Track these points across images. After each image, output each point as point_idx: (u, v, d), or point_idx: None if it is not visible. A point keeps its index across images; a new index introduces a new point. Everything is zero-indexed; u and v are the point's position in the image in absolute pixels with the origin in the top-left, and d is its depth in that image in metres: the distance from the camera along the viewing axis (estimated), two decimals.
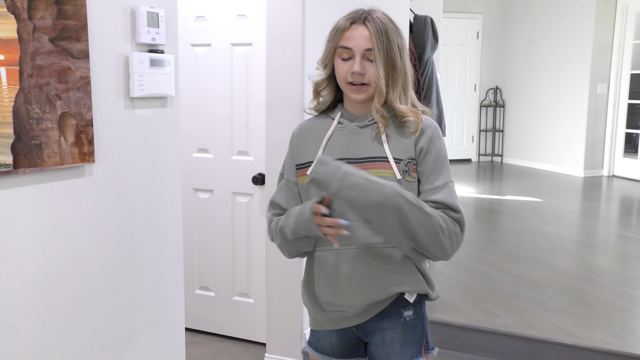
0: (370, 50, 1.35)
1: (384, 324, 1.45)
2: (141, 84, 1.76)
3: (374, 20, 1.35)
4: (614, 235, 4.82)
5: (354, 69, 1.35)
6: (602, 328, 2.82)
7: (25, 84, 1.45)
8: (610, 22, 7.36)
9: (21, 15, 1.43)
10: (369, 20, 1.36)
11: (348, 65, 1.37)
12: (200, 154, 3.02)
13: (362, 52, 1.35)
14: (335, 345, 1.51)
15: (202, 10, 2.91)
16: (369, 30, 1.35)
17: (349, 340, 1.50)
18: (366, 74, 1.36)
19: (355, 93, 1.38)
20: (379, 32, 1.35)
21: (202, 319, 3.13)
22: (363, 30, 1.36)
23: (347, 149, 1.41)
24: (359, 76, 1.36)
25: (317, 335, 1.54)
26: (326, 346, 1.52)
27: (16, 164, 1.44)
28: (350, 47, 1.36)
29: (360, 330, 1.48)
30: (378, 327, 1.45)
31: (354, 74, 1.36)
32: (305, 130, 1.50)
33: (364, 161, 1.39)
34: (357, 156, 1.40)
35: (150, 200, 1.88)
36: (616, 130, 7.46)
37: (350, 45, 1.36)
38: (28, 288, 1.53)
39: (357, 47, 1.36)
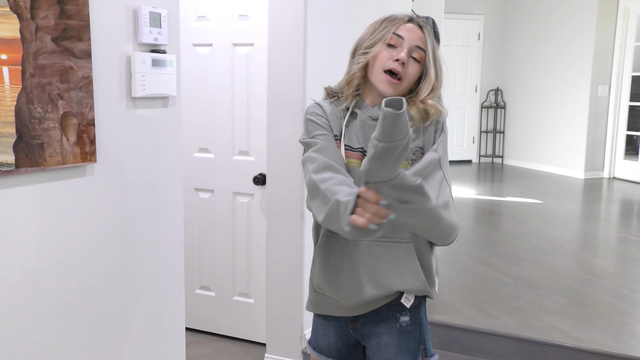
0: (419, 48, 1.36)
1: (380, 328, 1.45)
2: (143, 83, 1.77)
3: (429, 27, 1.40)
4: (614, 238, 4.82)
5: (400, 56, 1.34)
6: (602, 330, 2.82)
7: (27, 83, 1.45)
8: (612, 24, 7.36)
9: (24, 15, 1.43)
10: (425, 26, 1.39)
11: (393, 52, 1.36)
12: (201, 153, 3.03)
13: (411, 46, 1.36)
14: (333, 346, 1.51)
15: (204, 10, 2.91)
16: (423, 33, 1.38)
17: (346, 341, 1.51)
18: (407, 68, 1.36)
19: (386, 84, 1.36)
20: (432, 40, 1.39)
21: (202, 319, 3.13)
22: (417, 30, 1.38)
23: (355, 139, 1.40)
24: (400, 65, 1.35)
25: (316, 334, 1.55)
26: (324, 346, 1.53)
27: (18, 164, 1.45)
28: (403, 37, 1.36)
29: (357, 333, 1.49)
30: (374, 331, 1.46)
31: (397, 60, 1.34)
32: (331, 111, 1.45)
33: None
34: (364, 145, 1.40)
35: (151, 200, 1.88)
36: (617, 132, 7.46)
37: (404, 35, 1.37)
38: (29, 286, 1.53)
39: (409, 39, 1.36)
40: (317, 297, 1.51)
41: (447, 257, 4.03)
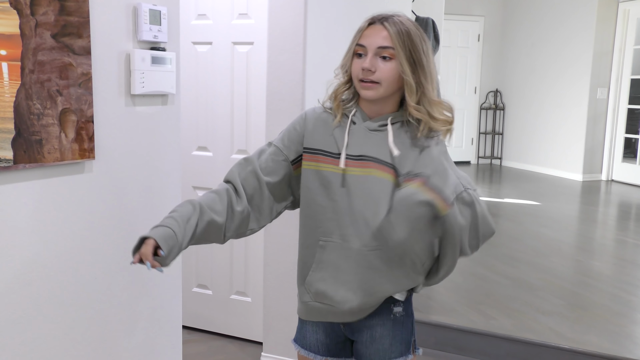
0: (384, 48, 1.35)
1: (374, 321, 1.45)
2: (142, 81, 1.76)
3: (394, 22, 1.36)
4: (611, 240, 4.82)
5: (364, 65, 1.35)
6: (598, 332, 2.83)
7: (26, 79, 1.45)
8: (611, 27, 7.37)
9: (24, 11, 1.43)
10: (388, 21, 1.36)
11: (361, 62, 1.37)
12: (200, 152, 3.02)
13: (374, 49, 1.35)
14: (322, 343, 1.51)
15: (204, 8, 2.91)
16: (386, 30, 1.35)
17: (335, 338, 1.51)
18: (377, 71, 1.35)
19: (364, 89, 1.37)
20: (400, 33, 1.34)
21: (199, 317, 3.13)
22: (380, 30, 1.36)
23: (356, 147, 1.40)
24: (368, 72, 1.35)
25: (304, 332, 1.54)
26: (312, 343, 1.52)
27: (16, 160, 1.44)
28: (364, 45, 1.37)
29: (347, 328, 1.48)
30: (367, 324, 1.45)
31: (363, 70, 1.35)
32: (318, 117, 1.47)
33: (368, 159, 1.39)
34: (364, 153, 1.39)
35: (149, 198, 1.88)
36: (615, 135, 7.47)
37: (364, 42, 1.37)
38: (26, 283, 1.53)
39: (370, 44, 1.36)
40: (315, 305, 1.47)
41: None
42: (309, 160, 1.45)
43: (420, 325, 2.85)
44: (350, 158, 1.40)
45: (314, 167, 1.44)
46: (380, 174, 1.37)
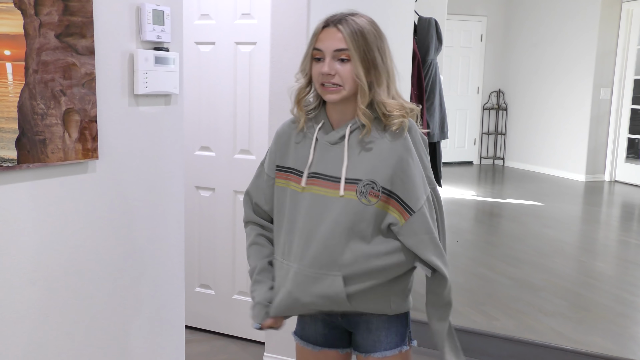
0: (341, 50, 1.34)
1: (369, 313, 1.47)
2: (145, 81, 1.77)
3: (347, 23, 1.35)
4: (614, 241, 4.81)
5: (323, 70, 1.35)
6: (601, 333, 2.82)
7: (30, 79, 1.45)
8: (615, 27, 7.35)
9: (28, 11, 1.43)
10: (342, 23, 1.36)
11: (320, 67, 1.37)
12: (202, 152, 3.03)
13: (331, 52, 1.35)
14: (320, 334, 1.53)
15: (207, 8, 2.91)
16: (341, 32, 1.35)
17: (334, 329, 1.53)
18: (337, 74, 1.35)
19: (327, 94, 1.37)
20: (354, 33, 1.34)
21: (201, 317, 3.14)
22: (335, 32, 1.36)
23: (318, 164, 1.42)
24: (328, 76, 1.35)
25: (303, 323, 1.56)
26: (311, 334, 1.54)
27: (20, 159, 1.45)
28: (321, 49, 1.37)
29: (345, 320, 1.51)
30: (364, 317, 1.48)
31: (323, 74, 1.36)
32: (288, 134, 1.50)
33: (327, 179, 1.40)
34: (325, 173, 1.41)
35: (152, 198, 1.88)
36: (619, 136, 7.45)
37: (321, 47, 1.37)
38: (30, 283, 1.53)
39: (327, 48, 1.36)
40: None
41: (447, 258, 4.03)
42: (280, 178, 1.48)
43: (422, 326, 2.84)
44: (313, 176, 1.42)
45: (284, 185, 1.47)
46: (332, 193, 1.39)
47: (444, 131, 4.22)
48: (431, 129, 3.96)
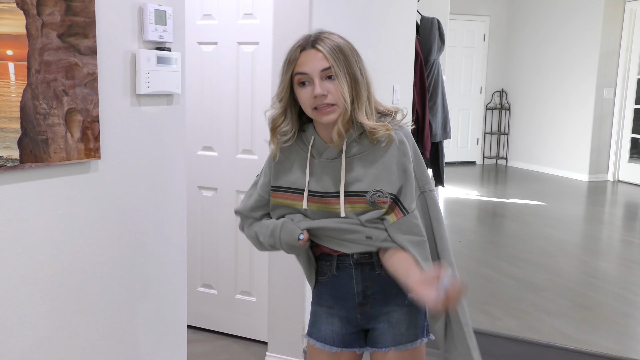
0: (327, 69, 1.33)
1: (390, 307, 1.49)
2: (148, 81, 1.77)
3: (323, 41, 1.35)
4: (617, 241, 4.80)
5: (316, 92, 1.33)
6: (604, 333, 2.82)
7: (32, 79, 1.45)
8: (618, 27, 7.33)
9: (30, 11, 1.43)
10: (319, 42, 1.35)
11: (309, 91, 1.35)
12: (205, 152, 3.03)
13: (319, 73, 1.34)
14: (337, 334, 1.53)
15: (209, 8, 2.92)
16: (321, 51, 1.34)
17: (351, 328, 1.53)
18: (329, 94, 1.34)
19: (324, 116, 1.36)
20: (333, 50, 1.33)
21: (204, 317, 3.14)
22: (315, 53, 1.34)
23: (317, 182, 1.44)
24: (322, 98, 1.34)
25: (318, 325, 1.55)
26: (327, 335, 1.53)
27: (22, 159, 1.45)
28: (306, 72, 1.34)
29: (364, 317, 1.51)
30: (383, 311, 1.49)
31: (317, 97, 1.33)
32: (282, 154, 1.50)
33: (327, 195, 1.43)
34: (326, 190, 1.44)
35: (154, 198, 1.88)
36: (622, 135, 7.44)
37: (305, 70, 1.34)
38: (32, 282, 1.53)
39: (313, 70, 1.34)
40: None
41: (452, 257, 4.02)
42: (275, 197, 1.51)
43: None
44: (313, 195, 1.45)
45: (281, 202, 1.50)
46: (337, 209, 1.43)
47: (446, 131, 4.22)
48: (434, 128, 3.95)
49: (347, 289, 1.50)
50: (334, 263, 1.50)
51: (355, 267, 1.48)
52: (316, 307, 1.57)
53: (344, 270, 1.49)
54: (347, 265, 1.49)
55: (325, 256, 1.52)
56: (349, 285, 1.49)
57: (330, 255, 1.50)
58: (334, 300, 1.53)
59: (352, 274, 1.48)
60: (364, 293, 1.49)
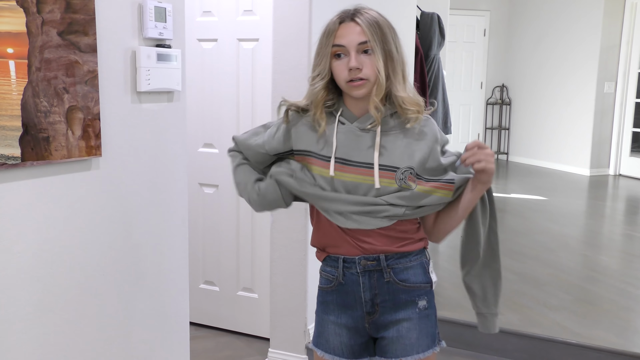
0: (364, 43, 1.33)
1: (399, 315, 1.44)
2: (148, 78, 1.77)
3: (362, 15, 1.35)
4: (619, 235, 4.80)
5: (351, 65, 1.33)
6: (606, 327, 2.82)
7: (33, 77, 1.45)
8: (619, 20, 7.32)
9: (30, 9, 1.43)
10: (358, 16, 1.35)
11: (345, 63, 1.35)
12: (206, 148, 3.03)
13: (355, 46, 1.34)
14: (346, 345, 1.48)
15: (209, 5, 2.91)
16: (359, 25, 1.34)
17: (359, 339, 1.48)
18: (364, 68, 1.34)
19: (355, 89, 1.36)
20: (371, 25, 1.34)
21: (206, 314, 3.15)
22: (354, 26, 1.35)
23: (347, 149, 1.40)
24: (357, 71, 1.34)
25: (326, 335, 1.50)
26: (336, 346, 1.48)
27: (24, 157, 1.45)
28: (343, 45, 1.34)
29: (373, 326, 1.46)
30: (393, 319, 1.44)
31: (351, 70, 1.33)
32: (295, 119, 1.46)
33: (359, 165, 1.39)
34: (355, 159, 1.39)
35: (155, 195, 1.89)
36: (623, 129, 7.43)
37: (343, 42, 1.34)
38: (34, 279, 1.54)
39: (350, 42, 1.34)
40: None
41: (451, 253, 4.03)
42: (298, 160, 1.46)
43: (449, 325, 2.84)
44: (340, 162, 1.40)
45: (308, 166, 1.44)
46: (366, 180, 1.38)
47: (447, 126, 4.22)
48: None
49: (355, 297, 1.45)
50: (340, 270, 1.45)
51: (363, 274, 1.43)
52: (322, 316, 1.51)
53: (351, 278, 1.44)
54: (354, 273, 1.43)
55: (330, 262, 1.47)
56: (357, 293, 1.44)
57: (336, 260, 1.45)
58: (341, 310, 1.47)
59: (359, 282, 1.43)
60: (372, 301, 1.44)
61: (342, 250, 1.44)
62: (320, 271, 1.52)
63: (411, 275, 1.44)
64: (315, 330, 1.54)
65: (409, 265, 1.44)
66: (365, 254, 1.42)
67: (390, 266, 1.42)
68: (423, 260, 1.48)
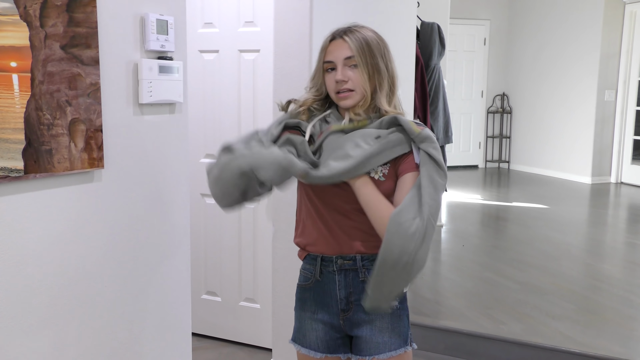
0: (350, 58, 1.45)
1: (372, 315, 1.51)
2: (150, 90, 1.78)
3: (352, 33, 1.47)
4: (621, 243, 4.79)
5: (337, 77, 1.46)
6: (609, 336, 2.81)
7: (36, 90, 1.47)
8: (618, 29, 7.34)
9: (33, 23, 1.45)
10: (347, 34, 1.47)
11: (333, 76, 1.48)
12: (207, 159, 3.04)
13: (342, 61, 1.46)
14: (321, 340, 1.56)
15: (210, 16, 2.93)
16: (346, 42, 1.46)
17: (334, 334, 1.56)
18: (349, 80, 1.45)
19: (343, 100, 1.47)
20: (358, 42, 1.45)
21: (208, 324, 3.14)
22: (342, 43, 1.47)
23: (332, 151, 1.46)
24: (342, 83, 1.46)
25: (303, 331, 1.59)
26: (312, 341, 1.57)
27: (27, 170, 1.46)
28: (332, 60, 1.47)
29: (347, 324, 1.54)
30: (366, 319, 1.51)
31: (338, 82, 1.46)
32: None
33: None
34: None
35: (157, 206, 1.89)
36: (624, 137, 7.43)
37: (331, 58, 1.48)
38: (37, 292, 1.54)
39: (337, 58, 1.47)
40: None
41: (453, 263, 4.03)
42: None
43: (430, 331, 2.84)
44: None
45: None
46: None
47: (448, 135, 4.23)
48: (435, 133, 3.96)
49: (331, 294, 1.54)
50: (317, 268, 1.54)
51: (339, 272, 1.51)
52: (300, 312, 1.61)
53: (328, 276, 1.53)
54: (331, 271, 1.52)
55: (309, 260, 1.57)
56: (333, 291, 1.53)
57: (314, 258, 1.54)
58: (318, 306, 1.56)
59: (335, 280, 1.52)
60: (347, 299, 1.52)
61: (321, 249, 1.53)
62: (300, 269, 1.63)
63: None
64: (294, 327, 1.64)
65: None
66: (343, 254, 1.50)
67: (366, 267, 1.50)
68: None
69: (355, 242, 1.49)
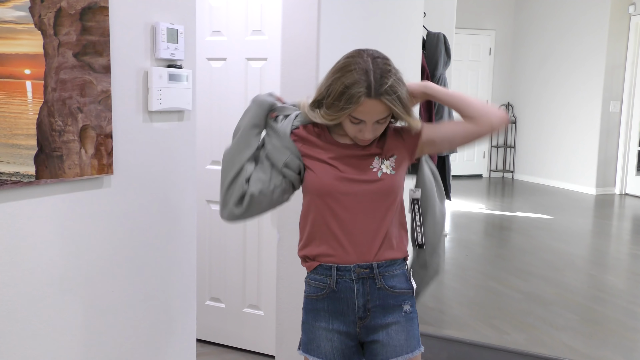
0: (383, 118, 1.45)
1: (388, 319, 1.54)
2: (160, 98, 1.81)
3: (387, 92, 1.40)
4: (625, 254, 4.79)
5: (366, 137, 1.48)
6: (612, 347, 2.81)
7: (49, 97, 1.49)
8: (624, 40, 7.36)
9: (47, 32, 1.47)
10: (382, 94, 1.40)
11: (358, 128, 1.47)
12: (213, 166, 3.06)
13: (373, 122, 1.46)
14: (337, 349, 1.56)
15: (219, 25, 2.96)
16: (383, 104, 1.41)
17: (350, 342, 1.56)
18: (375, 132, 1.49)
19: (360, 142, 1.52)
20: (393, 100, 1.41)
21: (212, 330, 3.15)
22: (377, 105, 1.41)
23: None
24: (367, 140, 1.50)
25: (318, 341, 1.58)
26: (328, 351, 1.56)
27: (38, 175, 1.48)
28: (364, 120, 1.45)
29: (363, 330, 1.55)
30: (382, 323, 1.54)
31: (363, 140, 1.50)
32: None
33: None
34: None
35: (165, 212, 1.91)
36: (629, 148, 7.43)
37: (363, 118, 1.44)
38: (46, 296, 1.56)
39: (370, 119, 1.45)
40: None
41: (457, 272, 4.03)
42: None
43: (433, 340, 2.84)
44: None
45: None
46: None
47: None
48: None
49: (347, 303, 1.54)
50: (333, 278, 1.54)
51: (357, 281, 1.52)
52: (313, 323, 1.59)
53: (344, 285, 1.53)
54: (348, 280, 1.53)
55: (322, 270, 1.56)
56: (350, 299, 1.54)
57: (328, 269, 1.54)
58: (332, 316, 1.56)
59: (353, 288, 1.53)
60: (364, 307, 1.54)
61: (337, 260, 1.53)
62: (307, 280, 1.62)
63: (397, 282, 1.56)
64: (304, 338, 1.62)
65: (395, 273, 1.56)
66: (360, 262, 1.52)
67: (382, 274, 1.53)
68: (405, 269, 1.60)
69: (375, 247, 1.52)
